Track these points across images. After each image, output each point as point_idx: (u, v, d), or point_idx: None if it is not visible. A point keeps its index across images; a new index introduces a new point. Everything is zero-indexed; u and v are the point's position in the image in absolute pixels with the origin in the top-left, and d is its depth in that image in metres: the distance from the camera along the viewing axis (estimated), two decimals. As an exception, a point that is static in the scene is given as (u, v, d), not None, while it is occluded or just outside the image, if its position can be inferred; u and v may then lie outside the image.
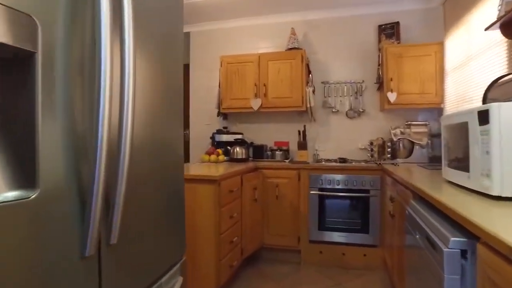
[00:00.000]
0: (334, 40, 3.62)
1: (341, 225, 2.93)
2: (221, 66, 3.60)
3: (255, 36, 3.90)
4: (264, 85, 3.44)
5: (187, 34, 4.18)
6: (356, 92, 3.54)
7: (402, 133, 3.11)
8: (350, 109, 3.55)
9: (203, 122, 4.11)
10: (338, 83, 3.59)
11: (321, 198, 2.99)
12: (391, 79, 3.06)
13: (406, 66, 3.06)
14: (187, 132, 4.27)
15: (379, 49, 3.35)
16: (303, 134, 3.55)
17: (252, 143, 3.75)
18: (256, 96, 3.47)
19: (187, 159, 4.26)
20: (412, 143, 3.11)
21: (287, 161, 3.45)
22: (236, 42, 3.96)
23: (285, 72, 3.39)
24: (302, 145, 3.50)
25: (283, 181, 3.10)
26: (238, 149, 3.45)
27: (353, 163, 3.15)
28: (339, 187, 2.94)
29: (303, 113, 3.65)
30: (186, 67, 4.25)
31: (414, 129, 3.13)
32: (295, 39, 3.49)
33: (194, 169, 2.62)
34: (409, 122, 3.19)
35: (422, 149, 3.08)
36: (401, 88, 3.06)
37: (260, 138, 3.85)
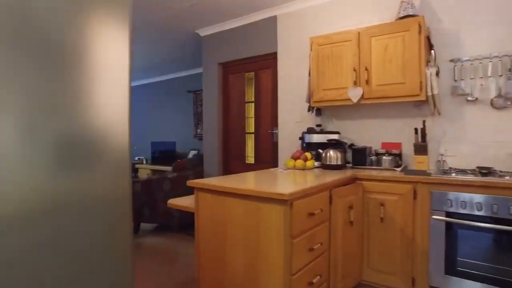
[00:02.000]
0: (471, -2, 2.55)
1: (484, 272, 1.94)
2: (311, 49, 2.93)
3: (353, 10, 3.08)
4: (366, 69, 2.63)
5: (273, 19, 3.63)
6: (510, 70, 2.40)
7: None
8: (499, 95, 2.44)
9: (294, 119, 3.51)
10: (477, 59, 2.51)
11: (450, 228, 2.05)
12: None
13: None
14: (276, 131, 3.73)
15: (553, 0, 2.17)
16: (422, 133, 2.61)
17: (352, 144, 2.97)
18: (355, 84, 2.69)
19: (275, 163, 3.73)
20: None
21: (398, 169, 2.57)
22: (330, 21, 3.22)
23: (395, 49, 2.51)
24: (421, 148, 2.56)
25: (391, 198, 2.27)
26: (331, 152, 2.73)
27: (507, 177, 2.09)
28: (480, 213, 1.95)
29: (422, 104, 2.70)
30: (273, 56, 3.71)
31: None
32: (408, 3, 2.57)
33: (264, 179, 2.04)
34: None
35: None
36: None
37: (363, 139, 3.03)
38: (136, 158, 7.77)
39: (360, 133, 3.04)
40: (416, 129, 2.65)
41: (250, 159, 4.14)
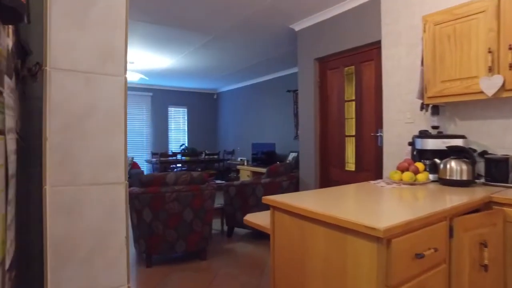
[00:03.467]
0: None
1: None
2: (424, 31, 2.30)
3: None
4: (511, 48, 1.89)
5: (376, 1, 3.04)
6: None
7: None
8: None
9: (403, 120, 2.87)
10: None
11: None
12: None
13: None
14: (380, 134, 3.15)
15: None
16: None
17: (484, 152, 2.22)
18: (491, 71, 1.97)
19: (378, 172, 3.14)
20: None
21: None
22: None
23: (560, 16, 1.72)
24: None
25: (553, 236, 1.54)
26: (453, 163, 2.07)
27: None
28: None
29: None
30: (377, 45, 3.13)
31: None
32: None
33: (359, 198, 1.59)
34: None
35: None
36: None
37: (502, 145, 2.24)
38: (239, 159, 7.93)
39: (497, 138, 2.25)
40: None
41: (350, 165, 3.62)
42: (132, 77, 5.74)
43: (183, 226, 3.28)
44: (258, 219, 2.02)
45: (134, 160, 7.56)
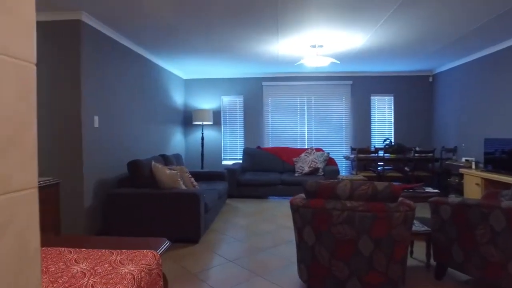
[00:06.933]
0: None
1: None
2: None
3: None
4: None
5: None
6: None
7: None
8: None
9: None
10: None
11: None
12: None
13: None
14: None
15: None
16: None
17: None
18: None
19: None
20: None
21: None
22: None
23: None
24: None
25: None
26: None
27: None
28: None
29: None
30: None
31: None
32: None
33: None
34: None
35: None
36: None
37: None
38: (463, 160, 5.88)
39: None
40: None
41: None
42: (322, 62, 5.05)
43: (358, 260, 2.28)
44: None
45: (330, 156, 6.94)
